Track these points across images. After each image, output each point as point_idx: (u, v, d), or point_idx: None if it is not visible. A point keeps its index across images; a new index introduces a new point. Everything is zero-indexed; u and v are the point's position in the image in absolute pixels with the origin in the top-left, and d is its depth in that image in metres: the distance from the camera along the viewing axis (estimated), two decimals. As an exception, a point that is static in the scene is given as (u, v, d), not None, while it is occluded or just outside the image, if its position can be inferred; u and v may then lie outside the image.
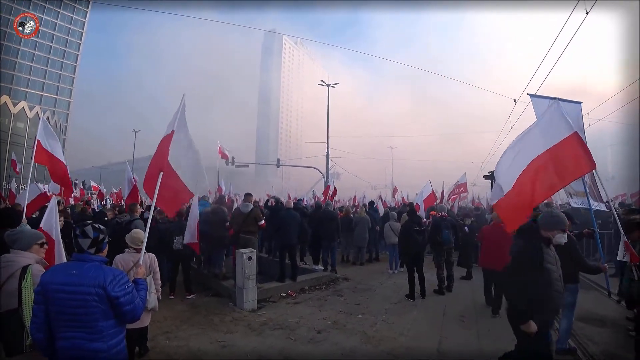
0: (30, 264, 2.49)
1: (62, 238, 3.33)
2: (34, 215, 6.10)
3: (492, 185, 14.23)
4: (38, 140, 5.03)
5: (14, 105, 52.97)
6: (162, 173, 3.34)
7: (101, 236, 2.24)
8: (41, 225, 3.42)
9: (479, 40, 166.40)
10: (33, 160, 4.94)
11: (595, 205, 5.45)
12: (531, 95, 5.53)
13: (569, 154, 3.56)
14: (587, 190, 5.60)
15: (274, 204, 10.45)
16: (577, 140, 3.62)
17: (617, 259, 4.46)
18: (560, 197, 14.23)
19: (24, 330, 2.30)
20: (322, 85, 28.37)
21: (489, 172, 13.65)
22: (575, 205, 6.34)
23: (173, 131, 3.54)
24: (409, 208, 8.30)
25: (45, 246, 2.83)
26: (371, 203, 12.37)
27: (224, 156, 18.37)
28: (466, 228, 8.45)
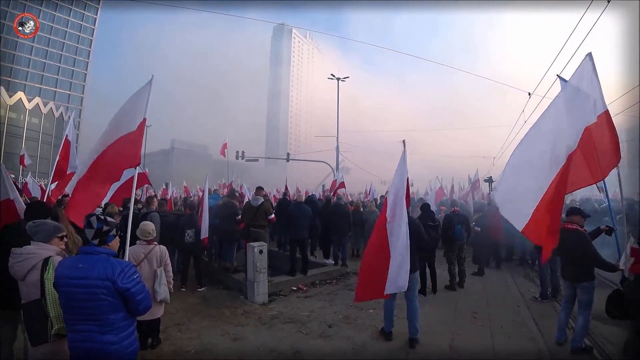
0: (51, 256, 2.53)
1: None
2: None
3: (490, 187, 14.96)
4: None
5: (29, 101, 54.07)
6: (138, 168, 3.12)
7: (105, 228, 2.21)
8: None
9: (493, 35, 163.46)
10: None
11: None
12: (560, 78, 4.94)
13: (600, 143, 2.98)
14: (606, 186, 5.46)
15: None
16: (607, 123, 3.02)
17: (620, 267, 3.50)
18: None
19: (47, 320, 2.35)
20: (332, 79, 28.05)
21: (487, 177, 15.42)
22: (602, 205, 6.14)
23: (145, 119, 3.21)
24: (422, 203, 8.21)
25: (65, 239, 2.86)
26: (382, 198, 12.31)
27: (223, 152, 18.42)
28: (473, 224, 8.30)
